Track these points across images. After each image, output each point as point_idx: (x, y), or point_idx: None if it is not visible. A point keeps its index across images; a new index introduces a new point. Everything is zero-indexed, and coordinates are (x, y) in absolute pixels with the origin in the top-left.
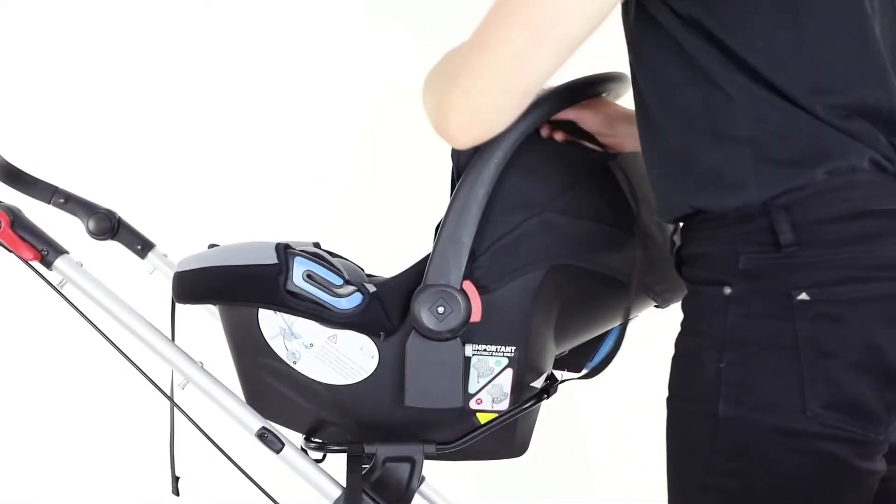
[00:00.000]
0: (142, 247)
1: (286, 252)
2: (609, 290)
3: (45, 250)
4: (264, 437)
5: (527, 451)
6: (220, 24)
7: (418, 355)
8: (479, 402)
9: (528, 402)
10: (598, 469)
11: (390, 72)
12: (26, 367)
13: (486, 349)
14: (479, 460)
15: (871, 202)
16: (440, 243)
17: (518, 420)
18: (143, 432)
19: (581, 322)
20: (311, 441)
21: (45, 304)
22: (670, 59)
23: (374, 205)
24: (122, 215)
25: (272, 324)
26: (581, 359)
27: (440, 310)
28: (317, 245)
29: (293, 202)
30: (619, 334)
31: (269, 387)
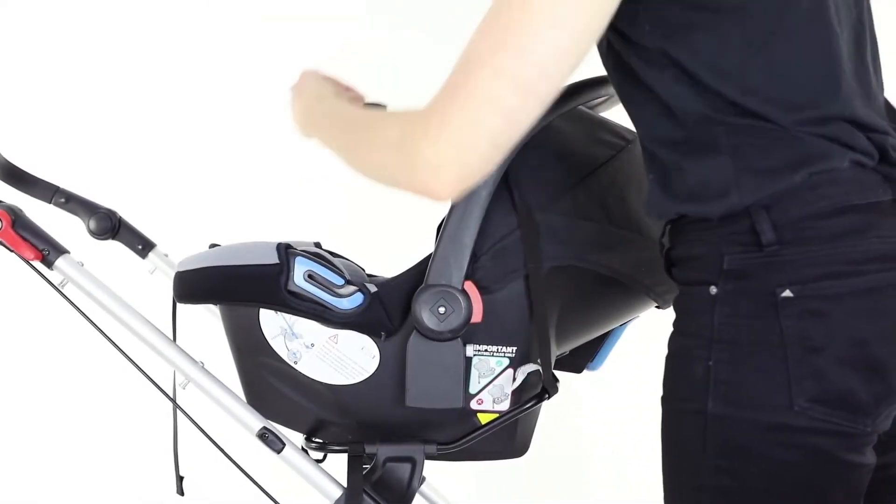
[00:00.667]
0: (143, 246)
1: (287, 252)
2: (610, 291)
3: (46, 250)
4: (265, 437)
5: (527, 452)
6: (220, 25)
7: (419, 355)
8: (479, 403)
9: (528, 403)
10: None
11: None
12: (27, 367)
13: (486, 349)
14: (479, 461)
15: (851, 197)
16: (441, 244)
17: (519, 420)
18: (145, 432)
19: (582, 322)
20: (312, 441)
21: (46, 303)
22: (646, 94)
23: (374, 205)
24: (123, 215)
25: (273, 324)
26: (581, 360)
27: (441, 310)
28: (318, 245)
29: (293, 202)
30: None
31: (270, 387)
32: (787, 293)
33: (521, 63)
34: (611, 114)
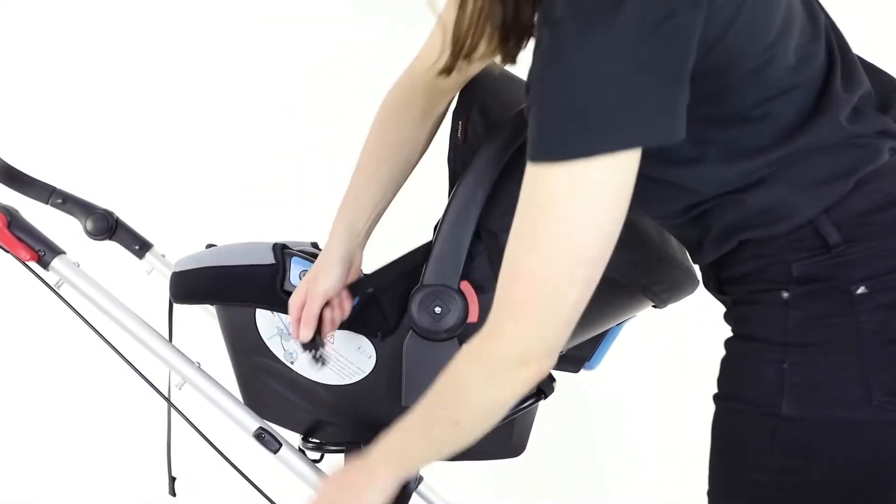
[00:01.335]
0: (139, 247)
1: (283, 252)
2: (606, 290)
3: (42, 251)
4: (262, 437)
5: (524, 452)
6: (218, 25)
7: (415, 355)
8: None
9: (525, 403)
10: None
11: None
12: (23, 367)
13: None
14: (476, 460)
15: None
16: (438, 244)
17: (515, 420)
18: (140, 433)
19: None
20: (309, 441)
21: (41, 304)
22: (670, 189)
23: None
24: (119, 215)
25: (269, 324)
26: (578, 359)
27: (437, 310)
28: (314, 245)
29: (290, 202)
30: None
31: (267, 387)
32: (863, 289)
33: (573, 262)
34: None
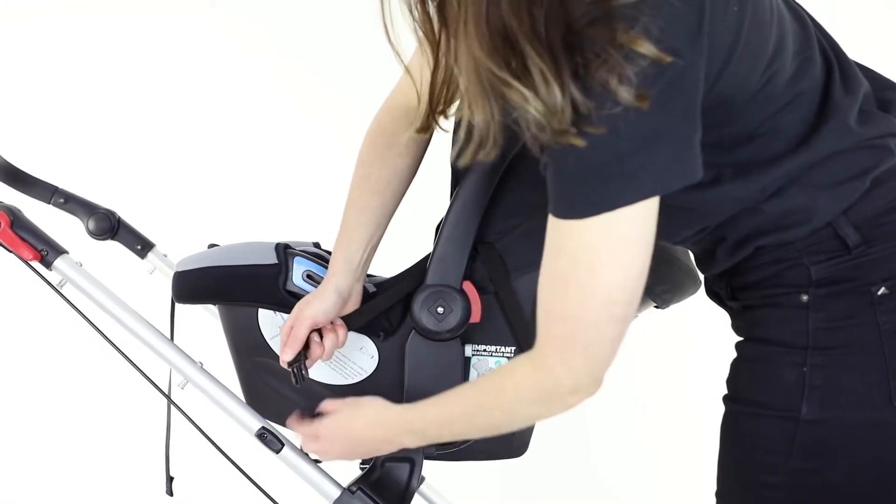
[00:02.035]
0: (141, 247)
1: (286, 252)
2: None
3: (44, 250)
4: (264, 437)
5: (526, 452)
6: (219, 25)
7: (418, 356)
8: None
9: None
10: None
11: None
12: (25, 366)
13: (485, 349)
14: (478, 461)
15: None
16: (440, 244)
17: None
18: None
19: None
20: None
21: (44, 304)
22: (684, 213)
23: None
24: (121, 215)
25: (272, 324)
26: None
27: (440, 310)
28: (317, 245)
29: (293, 202)
30: None
31: (269, 387)
32: (883, 290)
33: (607, 304)
34: None
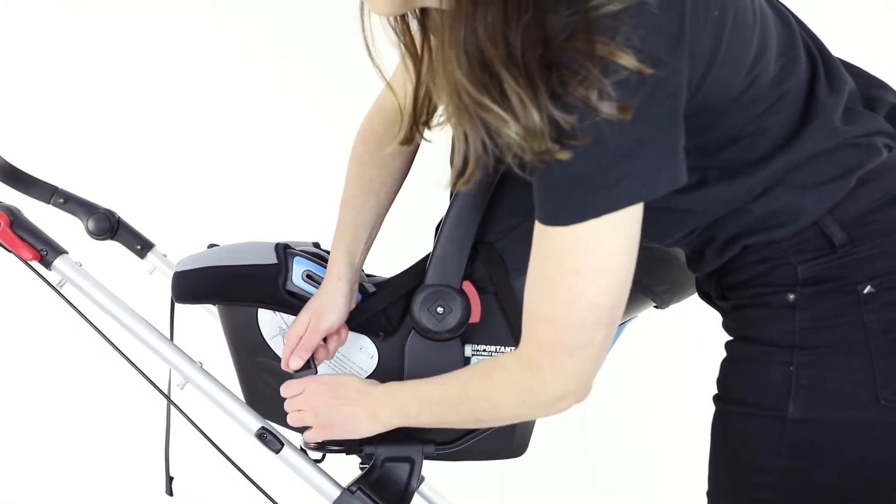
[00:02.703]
0: (141, 247)
1: (286, 252)
2: None
3: (44, 250)
4: (263, 437)
5: (526, 452)
6: (219, 25)
7: (418, 355)
8: None
9: None
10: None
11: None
12: (25, 366)
13: (485, 349)
14: (478, 460)
15: None
16: (440, 244)
17: None
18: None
19: None
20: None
21: (44, 304)
22: (678, 216)
23: None
24: (121, 215)
25: (271, 324)
26: None
27: (439, 310)
28: (316, 245)
29: (292, 202)
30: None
31: (269, 387)
32: (869, 289)
33: (593, 308)
34: None
